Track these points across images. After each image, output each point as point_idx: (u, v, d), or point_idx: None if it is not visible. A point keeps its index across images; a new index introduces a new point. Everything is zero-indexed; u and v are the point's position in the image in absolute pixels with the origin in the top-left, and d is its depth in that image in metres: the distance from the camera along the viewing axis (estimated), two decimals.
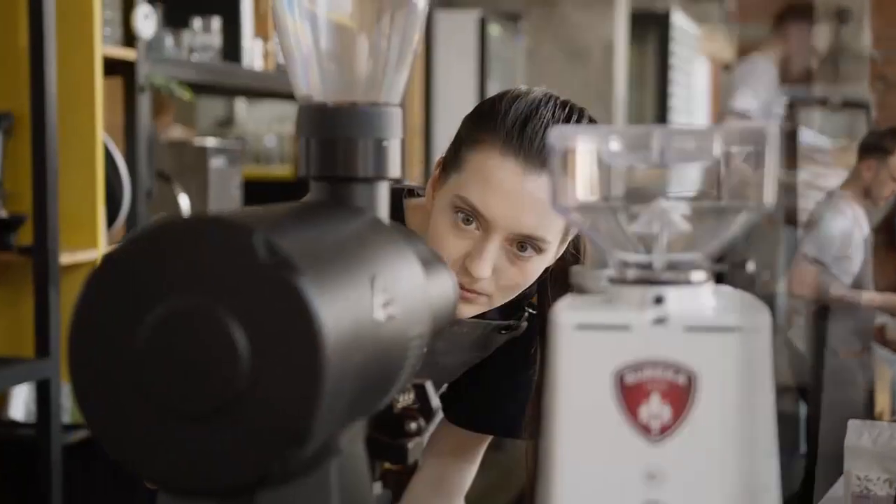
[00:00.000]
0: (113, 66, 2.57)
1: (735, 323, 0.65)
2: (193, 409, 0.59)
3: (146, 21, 2.54)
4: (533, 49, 5.61)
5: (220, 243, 0.60)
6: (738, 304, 0.69)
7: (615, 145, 0.68)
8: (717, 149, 0.67)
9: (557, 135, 0.69)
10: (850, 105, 8.82)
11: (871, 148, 4.41)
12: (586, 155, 0.69)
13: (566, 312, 0.67)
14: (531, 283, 1.29)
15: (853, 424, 2.00)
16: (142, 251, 0.61)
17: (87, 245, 2.44)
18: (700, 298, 0.68)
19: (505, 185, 1.21)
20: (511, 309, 1.40)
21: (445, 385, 1.49)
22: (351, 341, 0.62)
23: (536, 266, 1.27)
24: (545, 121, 1.23)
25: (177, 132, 4.23)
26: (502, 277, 1.25)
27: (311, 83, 0.78)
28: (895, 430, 1.89)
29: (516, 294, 1.30)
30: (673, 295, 0.67)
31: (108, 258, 0.61)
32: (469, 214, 1.23)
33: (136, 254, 0.61)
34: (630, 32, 6.14)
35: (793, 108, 4.42)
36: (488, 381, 1.46)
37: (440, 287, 0.81)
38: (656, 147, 0.68)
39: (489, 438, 1.51)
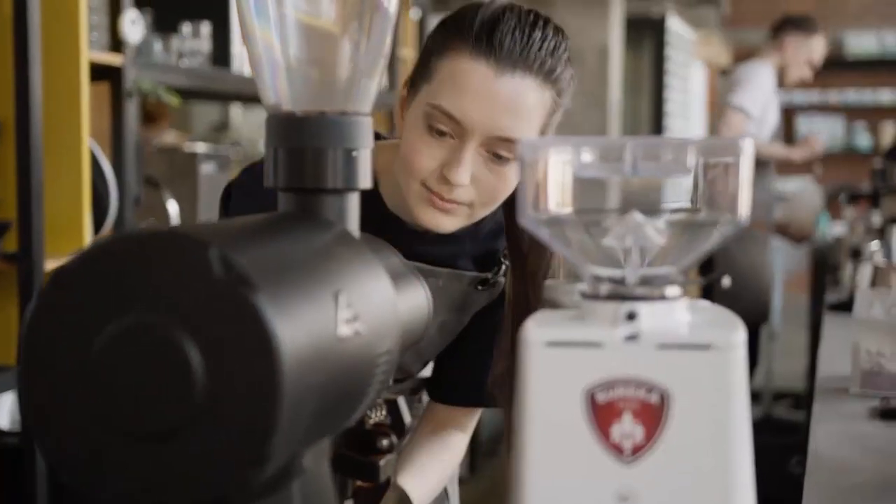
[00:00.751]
0: (100, 72, 2.55)
1: (709, 341, 0.63)
2: (148, 429, 0.58)
3: (133, 26, 2.52)
4: None
5: (175, 258, 0.58)
6: (713, 320, 0.67)
7: (587, 157, 0.67)
8: (691, 161, 0.65)
9: (528, 146, 0.67)
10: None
11: (794, 26, 4.49)
12: (558, 166, 0.67)
13: (536, 329, 0.65)
14: (510, 191, 1.26)
15: (862, 293, 1.89)
16: (96, 265, 0.59)
17: (74, 252, 2.41)
18: (674, 314, 0.66)
19: (478, 88, 1.20)
20: (487, 263, 1.39)
21: (430, 365, 1.48)
22: (311, 359, 0.60)
23: (514, 173, 1.24)
24: (512, 24, 1.22)
25: (170, 137, 4.21)
26: (481, 185, 1.23)
27: (279, 91, 0.76)
28: None
29: (495, 206, 1.27)
30: (646, 311, 0.65)
31: (60, 272, 0.59)
32: (443, 123, 1.21)
33: (90, 268, 0.59)
34: (625, 37, 6.12)
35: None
36: (468, 355, 1.46)
37: (411, 300, 0.80)
38: (629, 159, 0.66)
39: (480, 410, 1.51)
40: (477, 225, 1.33)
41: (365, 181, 0.76)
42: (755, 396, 5.39)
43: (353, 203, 0.76)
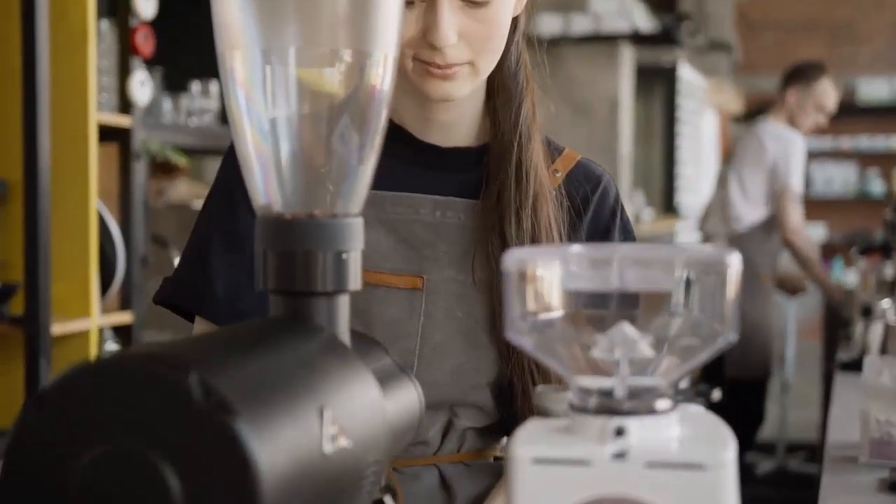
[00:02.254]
0: (109, 133, 2.56)
1: (699, 460, 0.62)
2: None
3: (142, 88, 2.53)
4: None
5: (154, 384, 0.57)
6: (704, 435, 0.66)
7: (574, 268, 0.66)
8: (678, 274, 0.64)
9: (513, 257, 0.66)
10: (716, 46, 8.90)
11: (796, 76, 4.50)
12: (544, 278, 0.66)
13: (523, 445, 0.64)
14: (504, 32, 1.20)
15: (870, 360, 1.85)
16: (76, 389, 0.58)
17: (80, 314, 2.41)
18: (664, 429, 0.65)
19: None
20: None
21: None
22: (294, 480, 0.59)
23: (500, 11, 1.18)
24: None
25: (183, 187, 4.22)
26: (470, 37, 1.17)
27: (269, 193, 0.76)
28: None
29: (499, 52, 1.20)
30: (635, 426, 0.64)
31: (41, 395, 0.59)
32: None
33: (70, 392, 0.59)
34: (636, 86, 6.14)
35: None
36: None
37: (401, 402, 0.79)
38: (616, 271, 0.65)
39: None
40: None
41: (355, 282, 0.76)
42: (769, 448, 5.35)
43: (344, 305, 0.76)
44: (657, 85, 7.14)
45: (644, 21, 5.65)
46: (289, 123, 0.76)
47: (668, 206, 7.32)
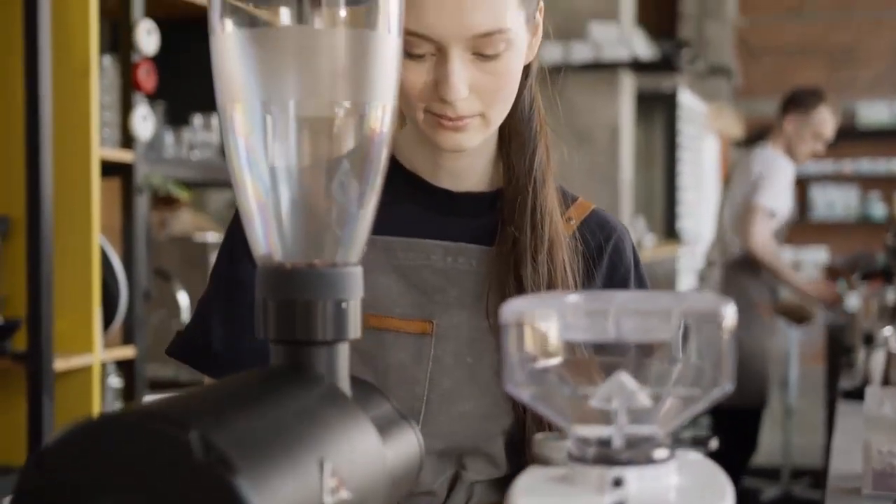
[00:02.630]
0: (111, 168, 2.58)
1: None
2: None
3: (144, 123, 2.55)
4: None
5: (154, 440, 0.58)
6: (702, 484, 0.66)
7: (571, 318, 0.67)
8: (674, 324, 0.65)
9: (510, 309, 0.67)
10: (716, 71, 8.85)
11: (794, 104, 4.48)
12: (541, 329, 0.67)
13: (523, 496, 0.65)
14: (516, 82, 1.18)
15: (871, 390, 1.85)
16: (76, 447, 0.59)
17: (83, 350, 2.42)
18: (662, 479, 0.65)
19: None
20: None
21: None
22: None
23: (511, 63, 1.16)
24: None
25: (186, 218, 4.23)
26: (481, 89, 1.15)
27: (269, 243, 0.77)
28: None
29: (510, 102, 1.19)
30: (633, 476, 0.65)
31: (41, 454, 0.59)
32: (417, 47, 1.13)
33: (71, 449, 0.59)
34: (637, 112, 6.16)
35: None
36: None
37: (401, 449, 0.79)
38: (612, 322, 0.66)
39: None
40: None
41: (355, 331, 0.76)
42: (773, 474, 5.34)
43: (343, 354, 0.76)
44: (657, 111, 7.16)
45: (644, 48, 5.68)
46: (288, 174, 0.76)
47: (669, 231, 7.33)
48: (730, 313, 0.65)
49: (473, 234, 1.26)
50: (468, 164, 1.27)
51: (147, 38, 2.56)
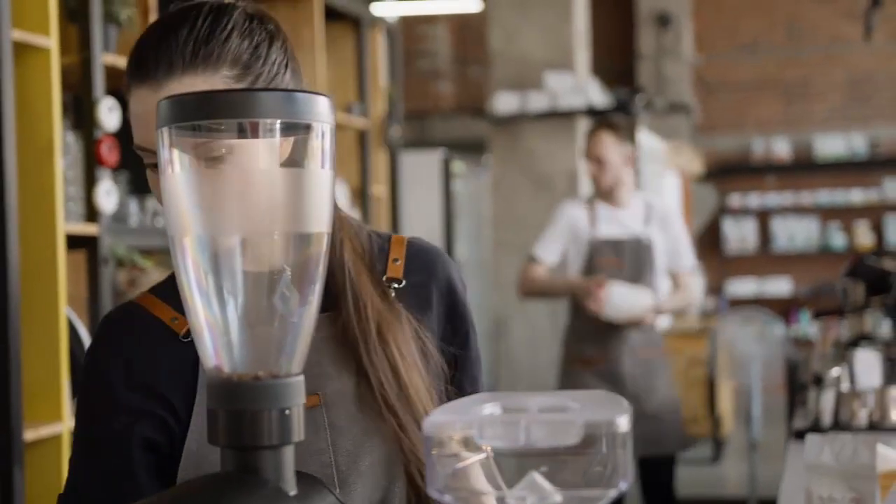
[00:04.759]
0: (77, 240, 2.65)
1: None
2: None
3: (108, 197, 2.63)
4: (499, 179, 5.75)
5: None
6: None
7: (488, 430, 0.75)
8: (577, 435, 0.74)
9: (431, 422, 0.75)
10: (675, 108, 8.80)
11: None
12: (460, 439, 0.75)
13: None
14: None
15: (812, 439, 1.91)
16: None
17: (51, 419, 2.48)
18: None
19: (144, 110, 1.17)
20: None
21: None
22: None
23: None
24: (156, 35, 1.18)
25: (154, 277, 4.28)
26: None
27: (218, 357, 0.85)
28: (859, 443, 1.81)
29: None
30: None
31: None
32: (149, 157, 1.18)
33: None
34: None
35: None
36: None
37: None
38: (522, 433, 0.74)
39: None
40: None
41: (298, 434, 0.85)
42: None
43: (289, 455, 0.85)
44: None
45: (599, 96, 5.81)
46: (234, 295, 0.85)
47: None
48: (623, 422, 0.74)
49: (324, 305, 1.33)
50: None
51: (109, 115, 2.64)
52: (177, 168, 0.84)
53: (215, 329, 0.85)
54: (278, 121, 0.84)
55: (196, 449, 1.22)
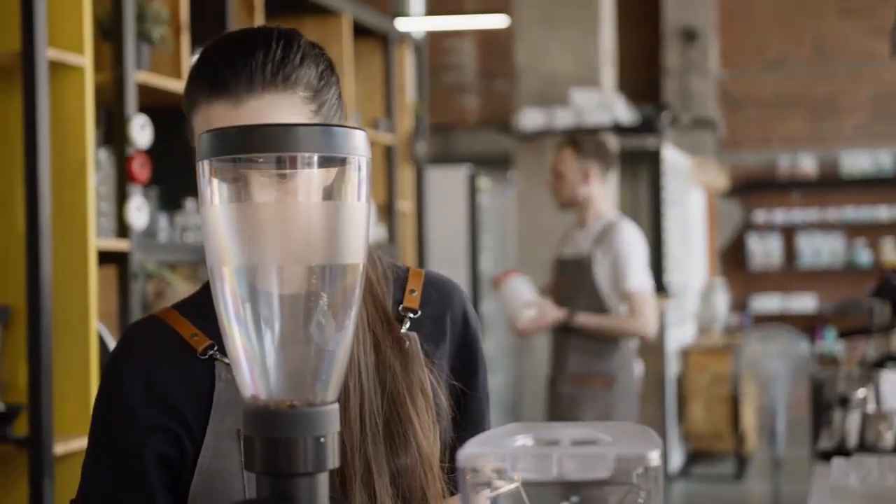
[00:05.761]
0: (107, 256, 2.68)
1: None
2: None
3: (139, 213, 2.66)
4: (524, 194, 5.76)
5: None
6: None
7: (520, 462, 0.77)
8: (608, 468, 0.75)
9: (465, 455, 0.77)
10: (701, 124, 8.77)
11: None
12: (493, 470, 0.77)
13: None
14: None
15: (837, 463, 1.92)
16: None
17: (82, 432, 2.51)
18: None
19: (220, 123, 1.17)
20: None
21: None
22: None
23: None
24: (230, 50, 1.20)
25: (182, 289, 4.32)
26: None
27: (256, 385, 0.87)
28: (885, 467, 1.81)
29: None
30: None
31: None
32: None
33: None
34: (621, 170, 6.28)
35: None
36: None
37: None
38: (555, 466, 0.76)
39: None
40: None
41: (333, 462, 0.86)
42: None
43: (323, 483, 0.86)
44: (642, 167, 7.28)
45: (624, 113, 5.81)
46: (271, 325, 0.87)
47: (657, 286, 7.42)
48: (655, 456, 0.75)
49: None
50: None
51: (140, 132, 2.67)
52: (216, 200, 0.86)
53: (252, 357, 0.87)
54: (316, 154, 0.86)
55: (208, 465, 1.23)
